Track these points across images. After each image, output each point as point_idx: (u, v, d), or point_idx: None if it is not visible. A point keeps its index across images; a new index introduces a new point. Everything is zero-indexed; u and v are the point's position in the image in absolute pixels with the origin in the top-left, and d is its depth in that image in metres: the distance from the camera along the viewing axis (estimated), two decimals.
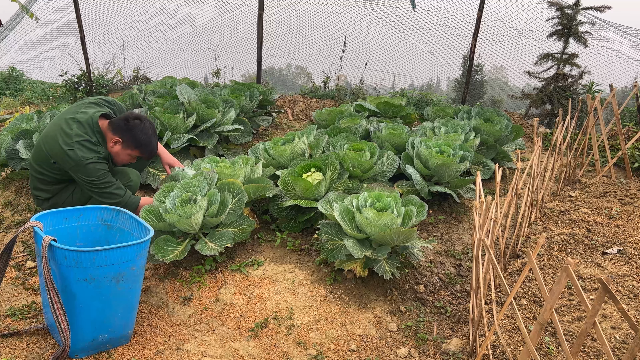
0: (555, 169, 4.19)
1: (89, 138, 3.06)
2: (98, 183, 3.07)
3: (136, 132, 3.13)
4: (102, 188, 3.09)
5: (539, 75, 6.10)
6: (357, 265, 2.87)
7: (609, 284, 1.43)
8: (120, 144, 3.15)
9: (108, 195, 3.11)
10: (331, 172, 3.56)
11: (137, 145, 3.18)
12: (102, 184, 3.08)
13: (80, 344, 2.29)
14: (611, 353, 1.51)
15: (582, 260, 2.91)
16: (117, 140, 3.14)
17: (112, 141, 3.14)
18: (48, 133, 3.12)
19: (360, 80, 6.78)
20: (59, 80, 6.95)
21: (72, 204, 3.22)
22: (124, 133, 3.12)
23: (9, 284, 2.94)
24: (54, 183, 3.22)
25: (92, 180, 3.05)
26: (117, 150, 3.17)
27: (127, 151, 3.19)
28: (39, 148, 3.15)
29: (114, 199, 3.12)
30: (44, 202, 3.28)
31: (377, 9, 6.76)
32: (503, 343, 2.10)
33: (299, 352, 2.47)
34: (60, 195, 3.27)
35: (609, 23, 5.78)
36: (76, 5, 6.36)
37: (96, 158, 3.06)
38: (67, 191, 3.27)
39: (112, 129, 3.13)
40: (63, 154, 3.00)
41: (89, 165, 3.02)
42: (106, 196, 3.11)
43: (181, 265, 3.13)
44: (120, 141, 3.14)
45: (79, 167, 3.01)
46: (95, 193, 3.11)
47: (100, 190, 3.09)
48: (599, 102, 4.28)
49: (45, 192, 3.24)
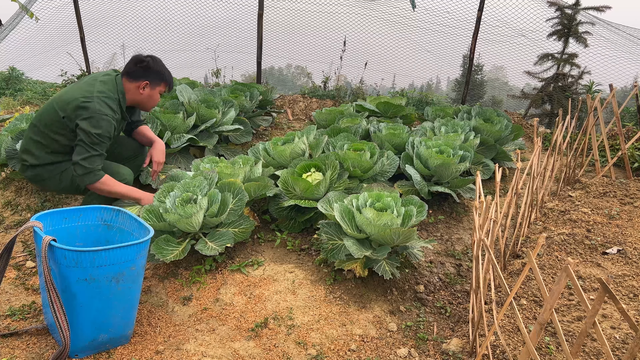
0: (555, 169, 4.19)
1: (111, 95, 3.03)
2: (95, 141, 2.94)
3: (156, 67, 3.17)
4: (92, 149, 2.94)
5: (539, 75, 6.11)
6: (357, 265, 2.87)
7: (608, 284, 1.43)
8: (149, 85, 3.16)
9: (91, 160, 2.95)
10: (331, 172, 3.56)
11: (162, 78, 3.21)
12: (96, 145, 2.95)
13: (80, 343, 2.30)
14: (611, 353, 1.51)
15: (582, 260, 2.91)
16: (145, 84, 3.15)
17: (140, 87, 3.15)
18: (65, 92, 3.05)
19: (360, 80, 6.78)
20: (59, 80, 6.95)
21: (56, 184, 3.11)
22: (147, 74, 3.14)
23: (9, 284, 2.94)
24: (48, 151, 3.08)
25: (92, 133, 2.91)
26: (148, 93, 3.18)
27: (156, 89, 3.21)
28: (49, 106, 3.05)
29: (92, 167, 2.96)
30: (29, 168, 3.12)
31: (377, 9, 6.76)
32: (503, 343, 2.10)
33: (299, 352, 2.47)
34: (47, 169, 3.12)
35: (608, 23, 5.78)
36: (76, 5, 6.37)
37: (111, 117, 2.99)
38: (57, 169, 3.13)
39: (133, 77, 3.13)
40: (77, 106, 2.92)
41: (102, 117, 2.93)
42: (89, 160, 2.95)
43: (181, 265, 3.13)
44: (148, 83, 3.15)
45: (91, 118, 2.91)
46: (83, 149, 2.94)
47: (89, 149, 2.93)
48: (599, 102, 4.28)
49: (35, 157, 3.09)
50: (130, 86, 3.14)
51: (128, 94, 3.17)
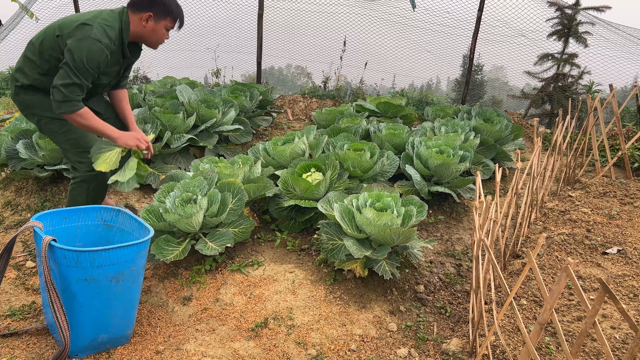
0: (555, 169, 4.19)
1: (114, 24, 2.84)
2: (80, 67, 2.72)
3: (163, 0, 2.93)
4: (75, 75, 2.72)
5: (539, 75, 6.11)
6: (357, 265, 2.87)
7: (609, 284, 1.43)
8: (152, 17, 2.93)
9: (71, 88, 2.73)
10: (331, 172, 3.56)
11: (168, 10, 2.96)
12: (80, 72, 2.74)
13: (80, 343, 2.29)
14: (611, 353, 1.51)
15: (582, 260, 2.91)
16: (147, 16, 2.91)
17: (144, 20, 2.92)
18: (71, 16, 2.93)
19: (360, 80, 6.78)
20: None
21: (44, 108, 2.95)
22: (152, 5, 2.91)
23: (9, 284, 2.94)
24: (40, 72, 2.91)
25: (79, 58, 2.70)
26: (152, 26, 2.95)
27: (161, 23, 2.96)
28: (50, 26, 2.88)
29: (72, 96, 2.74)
30: (20, 90, 2.96)
31: (377, 9, 6.76)
32: (503, 343, 2.10)
33: (299, 352, 2.47)
34: (38, 96, 2.95)
35: (608, 23, 5.78)
36: (76, 5, 6.37)
37: (105, 45, 2.78)
38: (48, 100, 2.91)
39: (137, 8, 2.91)
40: (75, 27, 2.74)
41: (95, 43, 2.72)
42: (69, 88, 2.73)
43: (181, 265, 3.13)
44: (151, 15, 2.92)
45: (82, 40, 2.71)
46: (65, 74, 2.72)
47: (71, 75, 2.72)
48: (599, 102, 4.28)
49: (26, 77, 2.93)
50: (134, 18, 2.93)
51: (132, 26, 2.95)
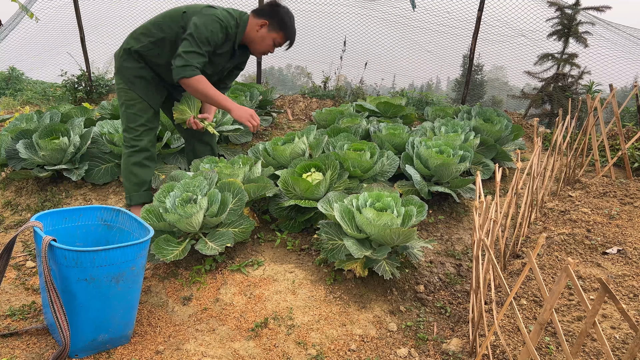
0: (555, 169, 4.19)
1: (235, 19, 3.15)
2: (202, 39, 3.02)
3: (282, 14, 3.21)
4: (197, 45, 3.03)
5: (539, 75, 6.10)
6: (357, 265, 2.87)
7: (609, 284, 1.43)
8: (267, 26, 3.19)
9: (193, 55, 3.03)
10: (331, 172, 3.56)
11: (283, 27, 3.21)
12: (202, 44, 3.03)
13: (80, 343, 2.30)
14: (611, 353, 1.51)
15: (582, 260, 2.91)
16: (263, 23, 3.18)
17: (258, 25, 3.19)
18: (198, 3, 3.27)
19: (360, 80, 6.78)
20: (59, 80, 6.96)
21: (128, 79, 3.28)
22: (270, 15, 3.18)
23: (9, 284, 2.94)
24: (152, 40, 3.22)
25: (203, 30, 3.01)
26: (263, 34, 3.21)
27: (272, 35, 3.22)
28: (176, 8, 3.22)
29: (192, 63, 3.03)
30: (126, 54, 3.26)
31: (377, 9, 6.76)
32: (503, 343, 2.10)
33: (299, 352, 2.47)
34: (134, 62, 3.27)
35: (608, 23, 5.78)
36: (76, 5, 6.36)
37: (225, 27, 3.10)
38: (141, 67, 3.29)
39: (258, 14, 3.21)
40: (202, 7, 3.10)
41: (217, 22, 3.05)
42: (191, 55, 3.02)
43: (181, 265, 3.13)
44: (266, 23, 3.18)
45: (205, 16, 3.04)
46: (188, 43, 3.02)
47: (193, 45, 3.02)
48: (599, 102, 4.28)
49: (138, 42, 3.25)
50: (252, 21, 3.21)
51: (247, 28, 3.22)
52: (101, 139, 4.25)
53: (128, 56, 3.28)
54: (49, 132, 4.00)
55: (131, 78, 3.27)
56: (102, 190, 4.10)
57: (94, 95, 6.60)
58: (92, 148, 4.23)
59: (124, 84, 3.28)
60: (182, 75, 3.02)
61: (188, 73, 3.02)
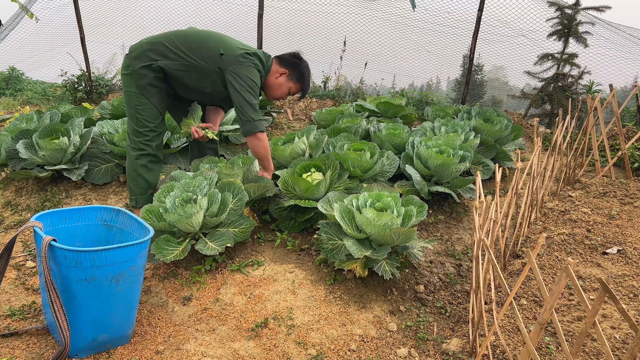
0: (555, 169, 4.19)
1: (263, 61, 3.29)
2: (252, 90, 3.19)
3: (303, 68, 3.40)
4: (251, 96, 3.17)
5: (539, 75, 6.10)
6: (357, 265, 2.87)
7: (609, 284, 1.43)
8: (286, 75, 3.38)
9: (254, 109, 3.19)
10: (331, 172, 3.56)
11: (301, 79, 3.41)
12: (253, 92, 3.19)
13: (80, 343, 2.30)
14: (611, 353, 1.51)
15: (582, 260, 2.91)
16: (283, 72, 3.37)
17: (278, 72, 3.37)
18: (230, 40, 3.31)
19: (360, 80, 6.78)
20: (59, 80, 6.96)
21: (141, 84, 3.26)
22: (292, 67, 3.37)
23: (9, 284, 2.94)
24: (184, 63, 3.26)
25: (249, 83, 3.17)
26: (281, 81, 3.39)
27: (289, 84, 3.41)
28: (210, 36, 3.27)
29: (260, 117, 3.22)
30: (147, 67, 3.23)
31: (377, 9, 6.76)
32: (503, 343, 2.10)
33: (299, 352, 2.47)
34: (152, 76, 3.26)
35: (609, 23, 5.78)
36: (76, 5, 6.36)
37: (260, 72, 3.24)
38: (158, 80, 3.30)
39: (280, 62, 3.39)
40: (239, 54, 3.17)
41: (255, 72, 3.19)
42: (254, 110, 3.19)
43: (181, 265, 3.13)
44: (286, 73, 3.37)
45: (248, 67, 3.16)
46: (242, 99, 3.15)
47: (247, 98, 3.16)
48: (599, 102, 4.28)
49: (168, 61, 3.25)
50: (274, 68, 3.38)
51: (268, 73, 3.38)
52: (101, 139, 4.25)
53: (148, 65, 3.27)
54: (49, 132, 4.00)
55: (144, 85, 3.28)
56: (102, 190, 4.10)
57: (94, 95, 6.60)
58: (92, 148, 4.23)
59: (135, 88, 3.29)
60: (252, 132, 3.22)
61: (257, 130, 3.22)
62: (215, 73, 3.24)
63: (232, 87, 3.17)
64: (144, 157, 3.37)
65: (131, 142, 3.38)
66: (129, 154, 3.40)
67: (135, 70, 3.25)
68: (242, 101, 3.16)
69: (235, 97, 3.18)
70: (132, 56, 3.27)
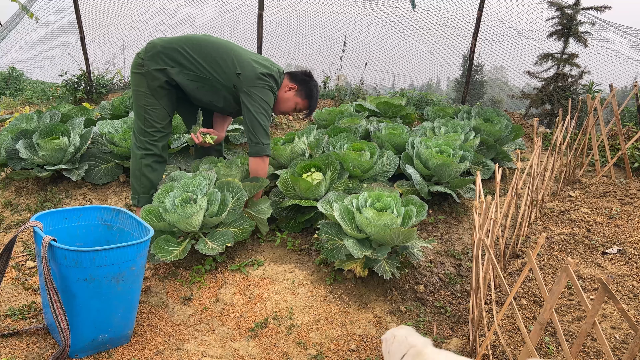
0: (555, 169, 4.19)
1: (275, 92, 3.33)
2: (267, 112, 3.25)
3: (312, 86, 3.46)
4: (264, 116, 3.23)
5: (539, 75, 6.10)
6: (357, 265, 2.87)
7: (608, 284, 1.43)
8: (295, 90, 3.42)
9: (266, 131, 3.25)
10: (331, 172, 3.56)
11: (309, 96, 3.46)
12: (267, 114, 3.25)
13: (80, 343, 2.30)
14: (611, 353, 1.51)
15: (582, 260, 2.91)
16: (292, 87, 3.42)
17: (287, 87, 3.41)
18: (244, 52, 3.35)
19: (360, 80, 6.78)
20: (58, 80, 6.95)
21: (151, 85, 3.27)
22: (301, 83, 3.43)
23: (9, 284, 2.94)
24: (195, 74, 3.27)
25: (265, 107, 3.23)
26: (289, 96, 3.42)
27: (297, 99, 3.45)
28: (227, 50, 3.28)
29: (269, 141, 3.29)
30: (161, 71, 3.24)
31: (377, 9, 6.76)
32: (503, 343, 2.10)
33: (299, 352, 2.47)
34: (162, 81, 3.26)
35: (608, 23, 5.78)
36: (76, 5, 6.36)
37: (274, 92, 3.32)
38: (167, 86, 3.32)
39: (291, 77, 3.44)
40: (256, 77, 3.21)
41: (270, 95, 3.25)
42: (266, 131, 3.24)
43: (181, 265, 3.13)
44: (295, 88, 3.42)
45: (263, 90, 3.22)
46: (254, 120, 3.20)
47: (260, 119, 3.21)
48: (599, 102, 4.28)
49: (182, 70, 3.26)
50: (284, 82, 3.43)
51: (280, 87, 3.42)
52: (101, 139, 4.25)
53: (162, 69, 3.25)
54: (49, 132, 4.00)
55: (156, 87, 3.26)
56: (102, 190, 4.10)
57: (94, 95, 6.60)
58: (92, 148, 4.23)
59: (146, 88, 3.27)
60: (260, 155, 3.29)
61: (265, 153, 3.30)
62: (229, 90, 3.27)
63: (246, 107, 3.20)
64: (149, 156, 3.36)
65: (137, 140, 3.36)
66: (134, 152, 3.38)
67: (149, 71, 3.23)
68: (255, 123, 3.19)
69: (249, 117, 3.20)
70: (147, 56, 3.24)
